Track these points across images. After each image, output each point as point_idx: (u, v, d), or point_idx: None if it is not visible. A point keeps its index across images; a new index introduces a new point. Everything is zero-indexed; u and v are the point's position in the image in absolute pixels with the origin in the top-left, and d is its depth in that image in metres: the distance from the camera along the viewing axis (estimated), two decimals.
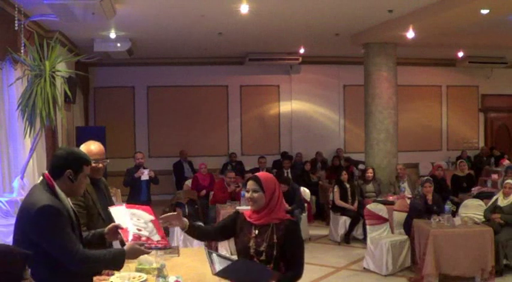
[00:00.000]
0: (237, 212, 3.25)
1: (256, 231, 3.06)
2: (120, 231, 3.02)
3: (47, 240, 2.63)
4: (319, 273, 6.80)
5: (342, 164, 11.92)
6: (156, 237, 3.10)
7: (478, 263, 6.20)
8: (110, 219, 3.78)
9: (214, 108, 13.02)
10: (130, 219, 3.10)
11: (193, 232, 3.22)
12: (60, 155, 2.87)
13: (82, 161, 2.86)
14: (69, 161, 2.81)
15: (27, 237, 2.67)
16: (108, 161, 3.84)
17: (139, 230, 3.07)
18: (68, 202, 2.84)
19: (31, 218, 2.64)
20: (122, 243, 3.21)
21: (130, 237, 2.97)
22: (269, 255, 2.99)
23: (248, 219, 3.13)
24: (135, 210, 3.23)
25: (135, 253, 2.90)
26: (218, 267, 2.90)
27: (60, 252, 2.63)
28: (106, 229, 3.12)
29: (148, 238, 3.04)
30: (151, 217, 3.24)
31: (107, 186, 4.01)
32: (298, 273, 3.04)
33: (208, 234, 3.47)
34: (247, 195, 3.12)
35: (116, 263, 2.82)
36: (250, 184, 3.11)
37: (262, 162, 11.11)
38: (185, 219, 3.17)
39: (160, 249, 3.19)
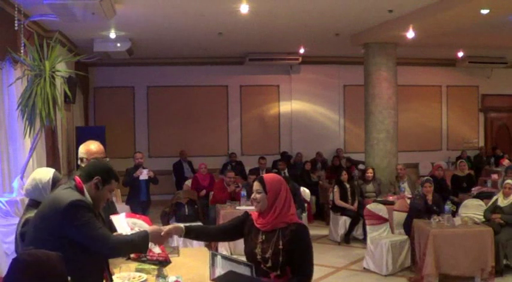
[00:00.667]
0: (247, 214, 3.20)
1: (263, 237, 3.01)
2: None
3: (81, 230, 2.70)
4: (319, 273, 6.80)
5: (342, 164, 11.94)
6: (157, 250, 3.11)
7: (478, 263, 6.21)
8: (110, 220, 3.82)
9: (214, 108, 13.01)
10: (131, 229, 3.10)
11: (190, 235, 3.20)
12: (94, 163, 3.06)
13: (113, 174, 2.97)
14: (101, 169, 2.94)
15: (48, 233, 2.69)
16: (108, 159, 3.86)
17: None
18: None
19: (61, 213, 2.69)
20: None
21: None
22: (275, 262, 2.93)
23: (256, 224, 3.08)
24: (135, 220, 3.24)
25: (157, 238, 3.01)
26: (219, 271, 2.85)
27: (95, 240, 2.73)
28: None
29: (149, 250, 3.05)
30: (153, 227, 3.24)
31: None
32: (306, 278, 2.96)
33: (208, 235, 3.42)
34: (252, 196, 3.11)
35: (144, 246, 2.93)
36: (255, 185, 3.09)
37: (262, 163, 11.09)
38: (180, 226, 3.15)
39: (161, 263, 3.17)
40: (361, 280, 6.75)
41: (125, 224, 3.14)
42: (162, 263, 3.17)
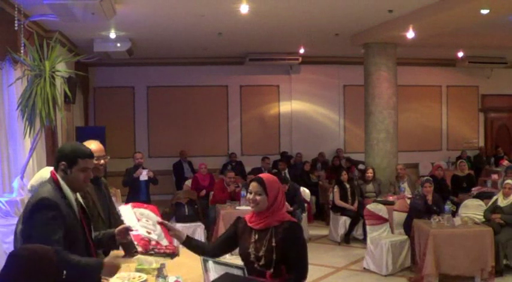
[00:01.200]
0: (239, 218, 3.19)
1: (256, 236, 3.01)
2: (130, 234, 3.01)
3: (35, 230, 2.65)
4: (319, 273, 6.80)
5: (342, 164, 11.93)
6: (165, 242, 3.06)
7: (478, 263, 6.21)
8: (109, 219, 3.83)
9: (214, 108, 13.01)
10: (138, 220, 3.07)
11: (187, 244, 3.19)
12: (59, 148, 2.96)
13: (76, 153, 2.84)
14: (65, 153, 2.85)
15: (25, 231, 2.71)
16: (108, 157, 3.88)
17: (149, 232, 3.03)
18: (75, 197, 2.86)
19: (29, 211, 2.71)
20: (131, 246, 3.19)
21: (140, 241, 2.97)
22: (268, 259, 2.93)
23: (248, 224, 3.07)
24: (143, 210, 3.20)
25: (112, 271, 2.85)
26: (213, 275, 2.84)
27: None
28: (116, 230, 3.11)
29: (157, 242, 3.00)
30: (159, 218, 3.21)
31: (107, 186, 4.03)
32: (301, 276, 2.96)
33: (203, 250, 3.23)
34: (249, 196, 3.04)
35: (93, 275, 2.72)
36: (254, 186, 3.03)
37: (266, 163, 11.05)
38: (183, 232, 3.21)
39: (168, 255, 3.11)
40: (361, 280, 6.75)
41: (132, 215, 3.11)
42: (170, 255, 3.11)
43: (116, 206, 4.18)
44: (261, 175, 3.15)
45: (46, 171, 3.50)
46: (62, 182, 2.80)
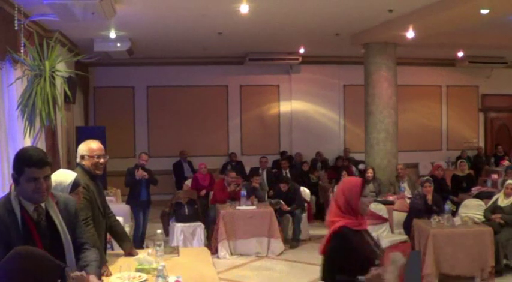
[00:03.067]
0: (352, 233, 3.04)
1: (369, 238, 3.15)
2: None
3: None
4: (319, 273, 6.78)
5: (346, 164, 11.90)
6: None
7: (478, 263, 6.21)
8: (105, 213, 3.96)
9: (214, 108, 13.01)
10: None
11: None
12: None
13: (22, 161, 2.46)
14: (14, 162, 2.51)
15: None
16: (108, 156, 3.95)
17: None
18: (38, 214, 2.53)
19: None
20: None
21: None
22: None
23: (356, 228, 3.06)
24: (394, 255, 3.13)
25: None
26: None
27: None
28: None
29: None
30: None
31: (101, 186, 4.15)
32: None
33: None
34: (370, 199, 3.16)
35: None
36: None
37: (263, 162, 11.07)
38: None
39: None
40: None
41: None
42: None
43: (110, 207, 4.23)
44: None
45: (60, 176, 3.39)
46: (12, 194, 2.47)
